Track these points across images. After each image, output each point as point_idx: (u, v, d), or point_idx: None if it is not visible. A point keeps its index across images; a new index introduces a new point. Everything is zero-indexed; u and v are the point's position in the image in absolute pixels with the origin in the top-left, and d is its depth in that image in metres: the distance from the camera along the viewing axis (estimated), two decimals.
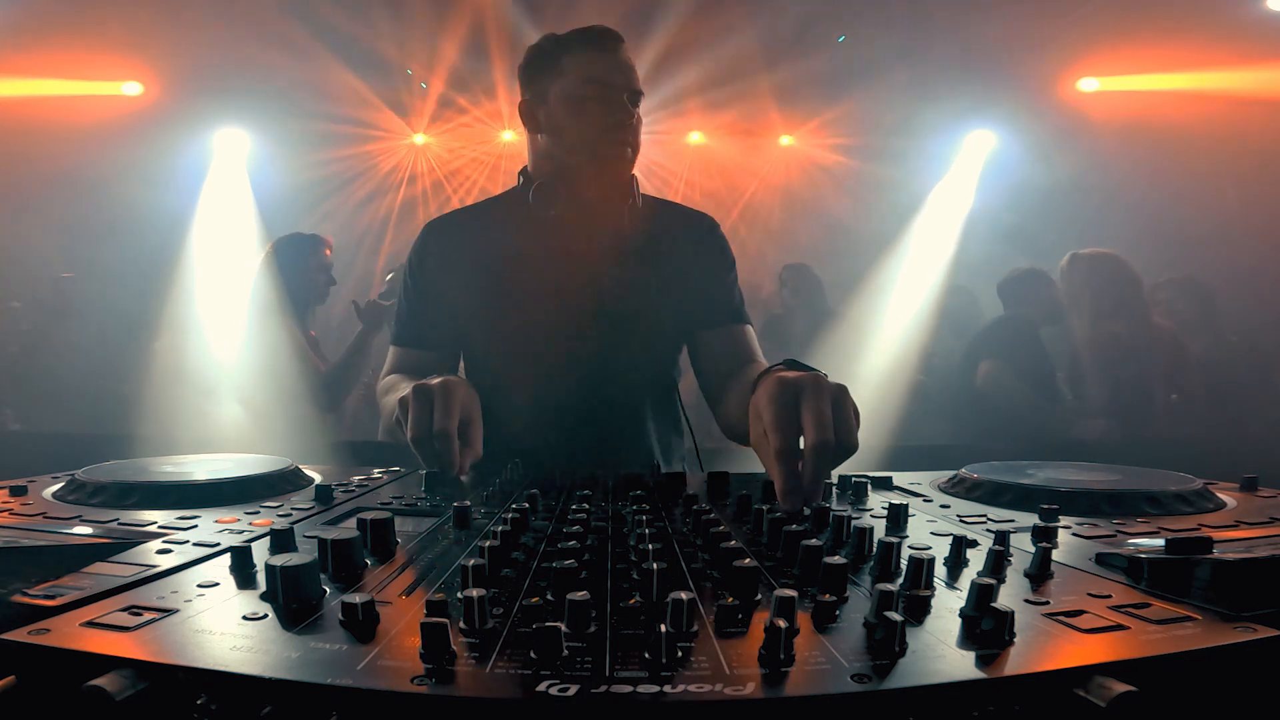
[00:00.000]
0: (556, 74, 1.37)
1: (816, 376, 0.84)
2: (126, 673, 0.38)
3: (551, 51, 1.39)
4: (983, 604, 0.45)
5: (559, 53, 1.38)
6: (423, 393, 1.04)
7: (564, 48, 1.38)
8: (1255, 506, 0.83)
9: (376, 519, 0.64)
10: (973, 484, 0.93)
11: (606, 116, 1.33)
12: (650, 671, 0.39)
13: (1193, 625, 0.45)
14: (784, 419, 0.80)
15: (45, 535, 0.66)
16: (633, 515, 0.74)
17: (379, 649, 0.42)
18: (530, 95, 1.43)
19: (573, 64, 1.36)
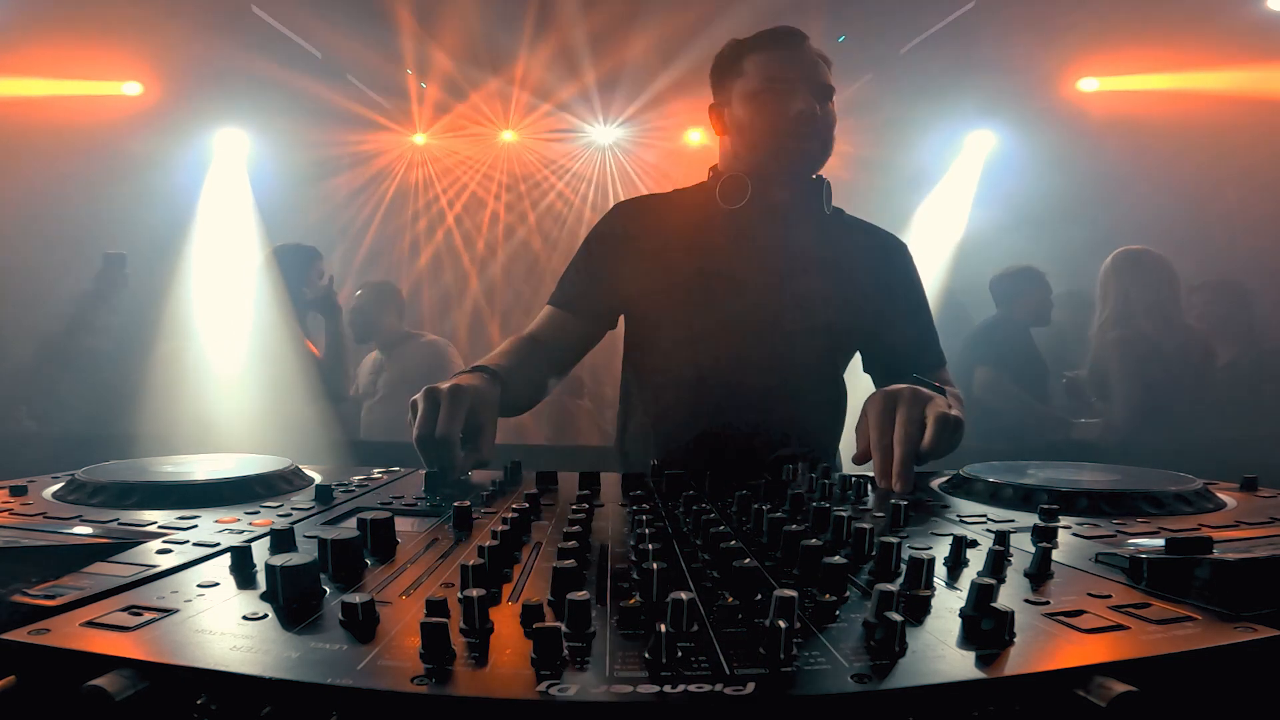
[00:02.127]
0: (738, 75, 1.38)
1: (915, 389, 1.02)
2: (126, 673, 0.38)
3: (734, 54, 1.40)
4: (983, 604, 0.45)
5: (740, 55, 1.39)
6: (431, 395, 1.05)
7: (744, 49, 1.39)
8: (1255, 506, 0.83)
9: (376, 519, 0.64)
10: (973, 484, 0.93)
11: (789, 109, 1.31)
12: (650, 671, 0.39)
13: (1193, 625, 0.45)
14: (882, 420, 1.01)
15: (45, 535, 0.66)
16: (633, 515, 0.74)
17: (379, 649, 0.42)
18: (717, 99, 1.45)
19: (752, 64, 1.37)
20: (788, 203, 1.40)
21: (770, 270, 1.38)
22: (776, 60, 1.35)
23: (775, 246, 1.39)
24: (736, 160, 1.41)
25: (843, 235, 1.45)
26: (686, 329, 1.39)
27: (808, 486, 0.96)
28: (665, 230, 1.44)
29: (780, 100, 1.32)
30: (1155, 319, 2.92)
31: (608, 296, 1.45)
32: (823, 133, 1.35)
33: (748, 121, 1.36)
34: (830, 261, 1.40)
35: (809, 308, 1.37)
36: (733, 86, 1.39)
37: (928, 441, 0.97)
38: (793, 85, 1.32)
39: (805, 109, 1.31)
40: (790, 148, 1.34)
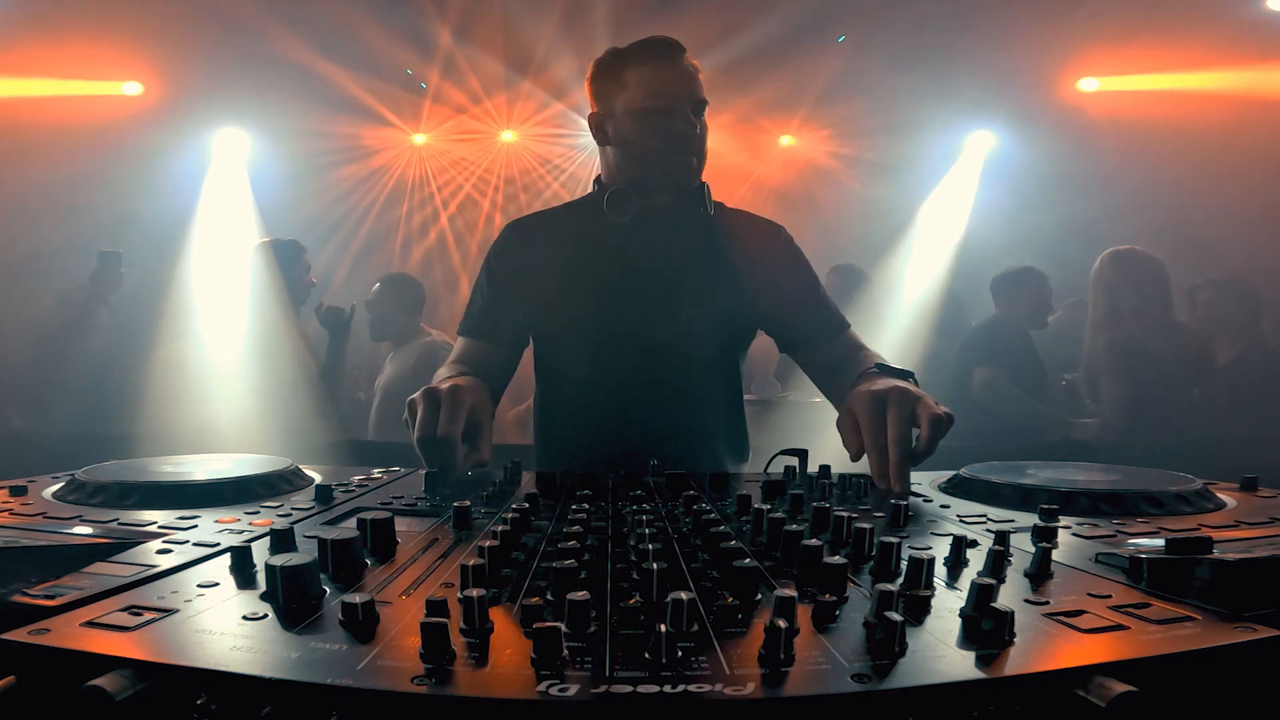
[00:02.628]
0: (620, 87, 1.41)
1: (902, 388, 1.03)
2: (126, 673, 0.38)
3: (613, 65, 1.43)
4: (983, 604, 0.45)
5: (621, 66, 1.41)
6: (430, 396, 1.07)
7: (625, 61, 1.41)
8: (1255, 506, 0.83)
9: (376, 519, 0.64)
10: (973, 484, 0.93)
11: (670, 128, 1.36)
12: (650, 671, 0.39)
13: (1193, 625, 0.45)
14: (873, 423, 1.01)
15: (45, 535, 0.66)
16: (633, 515, 0.74)
17: (379, 649, 0.42)
18: (599, 109, 1.47)
19: (635, 77, 1.39)
20: (672, 209, 1.45)
21: (662, 274, 1.43)
22: (657, 75, 1.38)
23: (664, 251, 1.44)
24: (619, 171, 1.46)
25: (726, 230, 1.49)
26: (588, 341, 1.44)
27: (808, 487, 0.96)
28: (558, 244, 1.48)
29: (663, 119, 1.37)
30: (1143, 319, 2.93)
31: (513, 316, 1.48)
32: (700, 147, 1.41)
33: (633, 137, 1.40)
34: (717, 257, 1.46)
35: (703, 304, 1.42)
36: (615, 98, 1.42)
37: (923, 445, 0.98)
38: (674, 102, 1.37)
39: (686, 128, 1.37)
40: (675, 164, 1.40)
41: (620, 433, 1.42)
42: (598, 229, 1.45)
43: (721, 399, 1.51)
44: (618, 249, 1.45)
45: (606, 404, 1.44)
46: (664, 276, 1.43)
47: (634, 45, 1.42)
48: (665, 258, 1.44)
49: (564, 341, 1.48)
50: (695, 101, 1.39)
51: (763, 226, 1.56)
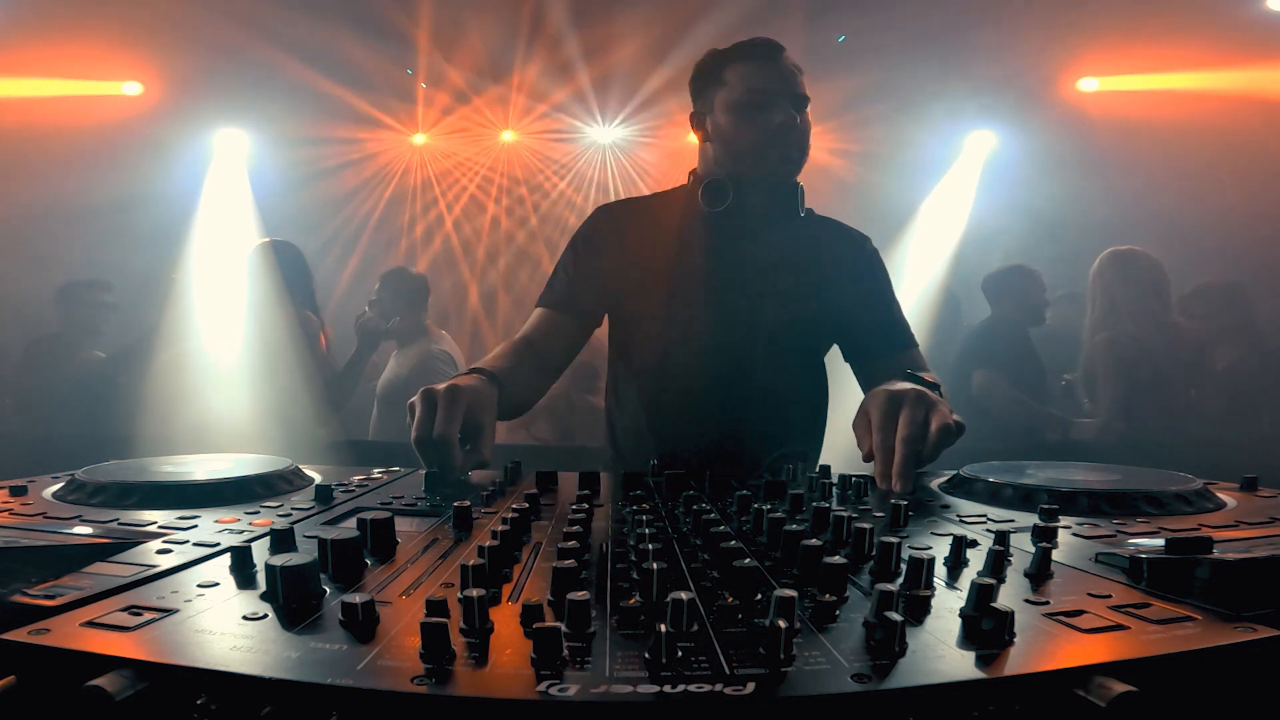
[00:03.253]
0: (719, 85, 1.43)
1: (920, 391, 1.03)
2: (126, 673, 0.38)
3: (714, 64, 1.45)
4: (983, 604, 0.45)
5: (720, 65, 1.43)
6: (428, 396, 1.07)
7: (725, 60, 1.43)
8: (1255, 506, 0.83)
9: (376, 519, 0.64)
10: (973, 484, 0.93)
11: (769, 122, 1.37)
12: (650, 671, 0.39)
13: (1193, 625, 0.45)
14: (885, 422, 1.01)
15: (45, 535, 0.66)
16: (633, 515, 0.74)
17: (379, 649, 0.42)
18: (698, 107, 1.49)
19: (733, 75, 1.41)
20: (765, 206, 1.46)
21: (751, 269, 1.44)
22: (757, 71, 1.40)
23: (755, 247, 1.45)
24: (717, 166, 1.47)
25: (815, 234, 1.51)
26: (673, 327, 1.45)
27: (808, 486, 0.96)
28: (648, 231, 1.49)
29: (763, 111, 1.38)
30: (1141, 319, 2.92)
31: (594, 295, 1.50)
32: (801, 141, 1.42)
33: (731, 131, 1.41)
34: (805, 259, 1.47)
35: (788, 303, 1.43)
36: (714, 96, 1.44)
37: (929, 451, 0.98)
38: (774, 96, 1.38)
39: (786, 120, 1.37)
40: (773, 156, 1.40)
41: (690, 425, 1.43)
42: (688, 219, 1.46)
43: (797, 399, 1.50)
44: (706, 241, 1.45)
45: (680, 393, 1.45)
46: (750, 272, 1.44)
47: (734, 45, 1.44)
48: (755, 253, 1.44)
49: (643, 327, 1.49)
50: (795, 96, 1.39)
51: (852, 235, 1.58)
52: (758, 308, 1.43)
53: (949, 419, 0.99)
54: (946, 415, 1.00)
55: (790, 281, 1.44)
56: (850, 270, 1.51)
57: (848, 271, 1.51)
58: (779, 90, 1.38)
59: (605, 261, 1.49)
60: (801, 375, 1.50)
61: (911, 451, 0.97)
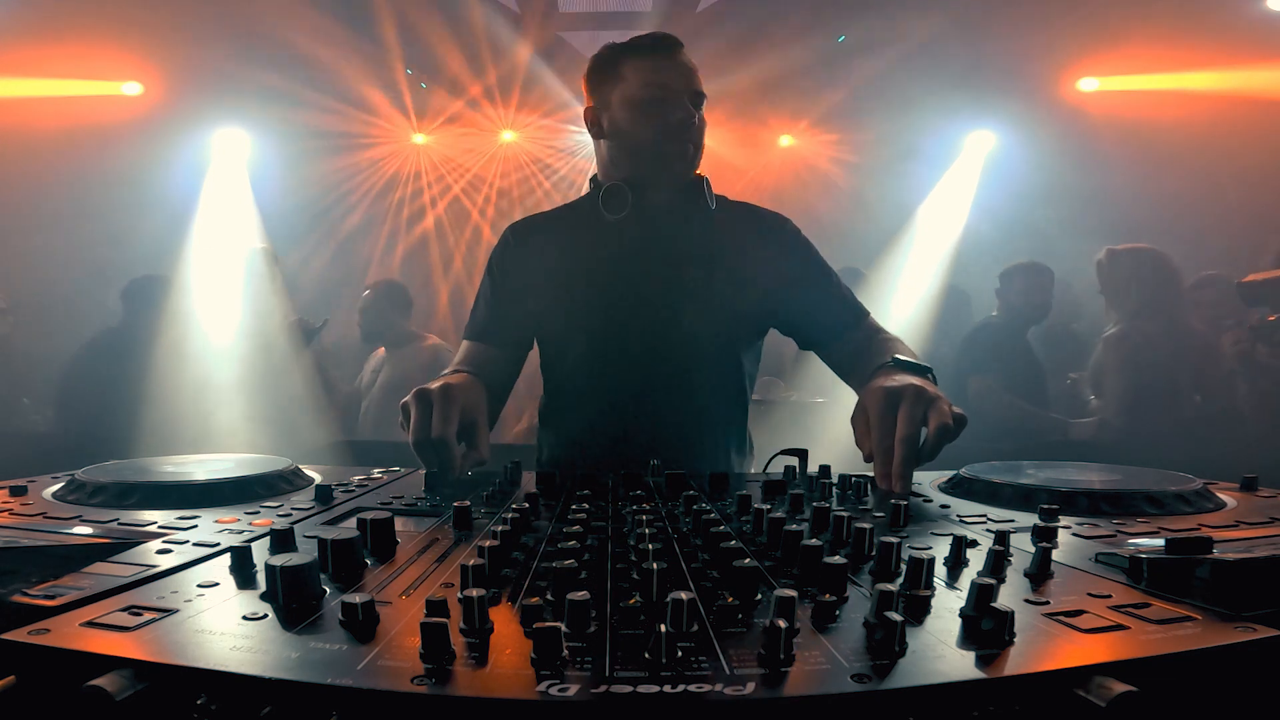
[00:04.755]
0: (617, 80, 1.40)
1: (918, 388, 1.01)
2: (126, 673, 0.38)
3: (611, 59, 1.42)
4: (983, 604, 0.45)
5: (618, 60, 1.40)
6: (423, 397, 1.06)
7: (623, 54, 1.40)
8: (1255, 506, 0.83)
9: (376, 519, 0.64)
10: (973, 484, 0.93)
11: (667, 117, 1.35)
12: (650, 671, 0.39)
13: (1193, 625, 0.45)
14: (883, 420, 1.00)
15: (45, 535, 0.66)
16: (633, 515, 0.74)
17: (379, 649, 0.42)
18: (594, 102, 1.45)
19: (631, 69, 1.38)
20: (670, 204, 1.42)
21: (662, 272, 1.41)
22: (657, 67, 1.37)
23: (663, 248, 1.42)
24: (613, 166, 1.44)
25: (729, 224, 1.47)
26: (589, 341, 1.42)
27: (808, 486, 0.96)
28: (556, 246, 1.47)
29: (660, 107, 1.35)
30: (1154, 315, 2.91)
31: (516, 321, 1.47)
32: (697, 138, 1.40)
33: (628, 127, 1.38)
34: (720, 252, 1.43)
35: (706, 301, 1.40)
36: (611, 91, 1.41)
37: (927, 449, 0.98)
38: (671, 92, 1.36)
39: (685, 116, 1.35)
40: (670, 153, 1.38)
41: (622, 434, 1.41)
42: (595, 228, 1.43)
43: (724, 399, 1.48)
44: (615, 248, 1.43)
45: (608, 406, 1.42)
46: (663, 274, 1.41)
47: (631, 40, 1.41)
48: (664, 255, 1.42)
49: (565, 344, 1.47)
50: (692, 93, 1.37)
51: (767, 219, 1.52)
52: (671, 308, 1.39)
53: (948, 416, 0.98)
54: (946, 411, 0.98)
55: (704, 276, 1.40)
56: (771, 254, 1.46)
57: (769, 257, 1.45)
58: (678, 86, 1.36)
59: (520, 284, 1.46)
60: (723, 370, 1.46)
61: (910, 452, 0.96)
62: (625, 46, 1.41)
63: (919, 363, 1.16)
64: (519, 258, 1.49)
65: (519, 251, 1.49)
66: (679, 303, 1.40)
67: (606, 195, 1.39)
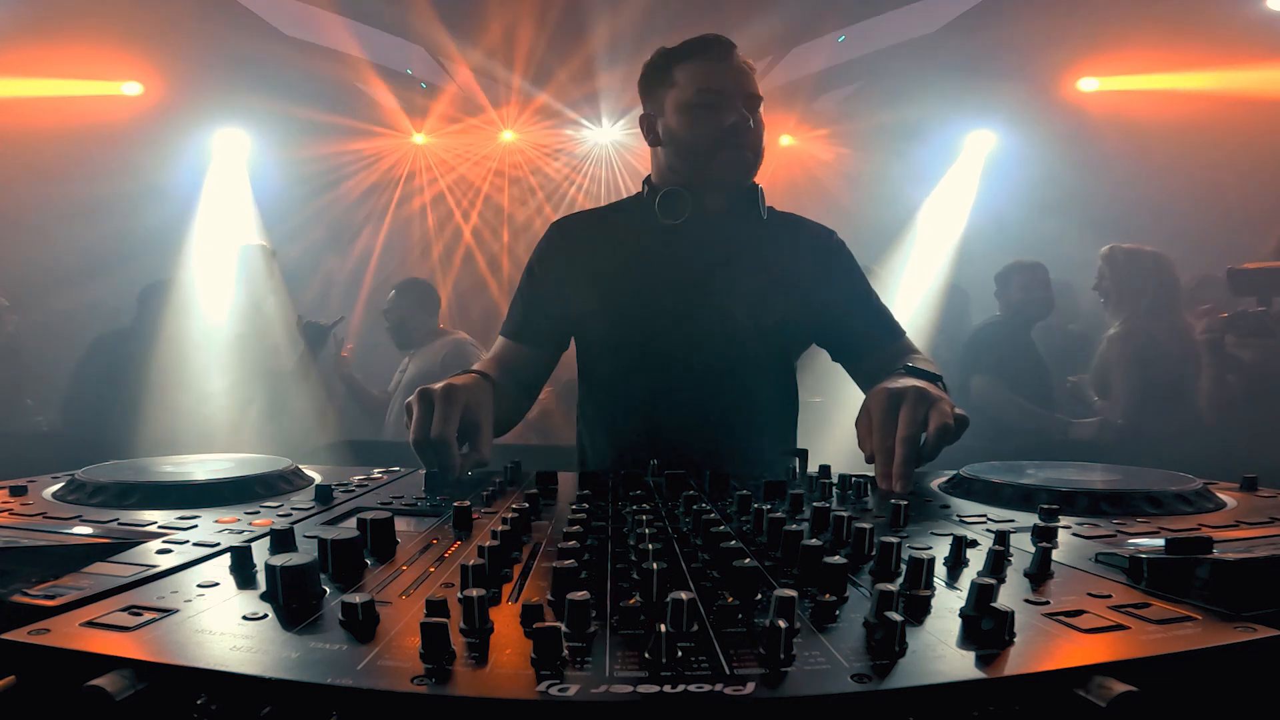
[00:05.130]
0: (669, 85, 1.38)
1: (920, 389, 1.01)
2: (126, 673, 0.38)
3: (663, 65, 1.40)
4: (983, 604, 0.45)
5: (670, 65, 1.39)
6: (425, 397, 1.06)
7: (674, 59, 1.39)
8: (1255, 506, 0.83)
9: (376, 519, 0.64)
10: (973, 484, 0.93)
11: (722, 122, 1.33)
12: (650, 671, 0.39)
13: (1193, 625, 0.45)
14: (885, 421, 0.99)
15: (45, 535, 0.66)
16: (633, 515, 0.74)
17: (379, 649, 0.42)
18: (648, 109, 1.44)
19: (683, 74, 1.37)
20: (724, 211, 1.41)
21: (714, 279, 1.39)
22: (707, 71, 1.35)
23: (716, 255, 1.40)
24: (670, 171, 1.42)
25: (779, 235, 1.46)
26: (636, 346, 1.40)
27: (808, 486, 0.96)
28: (604, 247, 1.44)
29: (713, 112, 1.33)
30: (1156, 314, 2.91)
31: (555, 321, 1.45)
32: (755, 142, 1.37)
33: (682, 133, 1.37)
34: (771, 263, 1.42)
35: (756, 311, 1.38)
36: (664, 97, 1.39)
37: (929, 450, 0.98)
38: (725, 96, 1.34)
39: (738, 120, 1.33)
40: (725, 159, 1.35)
41: (662, 441, 1.37)
42: (646, 231, 1.41)
43: (774, 408, 1.46)
44: (666, 252, 1.40)
45: (650, 412, 1.40)
46: (714, 282, 1.38)
47: (683, 43, 1.39)
48: (716, 263, 1.39)
49: (608, 347, 1.44)
50: (747, 96, 1.35)
51: (815, 231, 1.52)
52: (723, 317, 1.37)
53: (949, 416, 0.98)
54: (947, 412, 0.98)
55: (756, 287, 1.39)
56: (819, 267, 1.45)
57: (816, 269, 1.45)
58: (731, 90, 1.34)
59: (561, 283, 1.44)
60: (772, 382, 1.45)
61: (911, 452, 0.96)
62: (676, 51, 1.40)
63: (930, 370, 1.16)
64: (562, 257, 1.46)
65: (562, 250, 1.47)
66: (730, 311, 1.37)
67: (664, 199, 1.37)
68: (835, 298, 1.45)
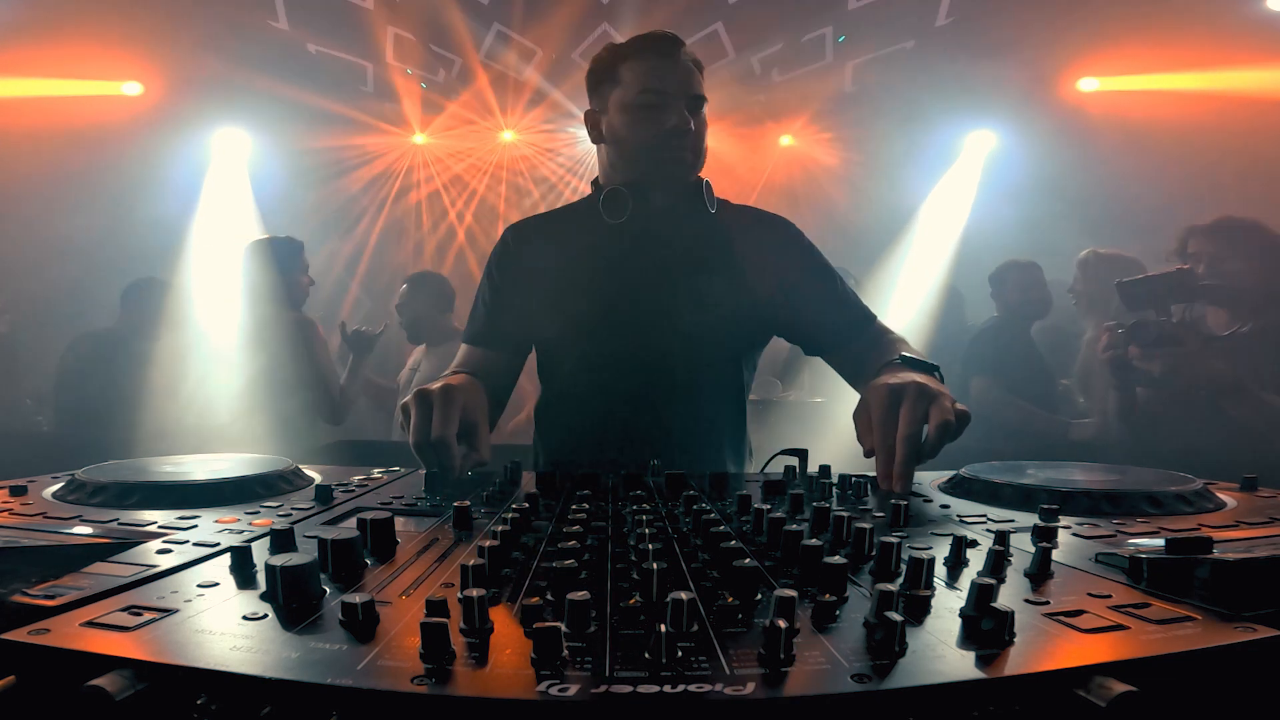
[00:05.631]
0: (615, 84, 1.38)
1: (920, 385, 1.00)
2: (126, 673, 0.38)
3: (609, 61, 1.40)
4: (983, 604, 0.45)
5: (616, 62, 1.39)
6: (423, 398, 1.06)
7: (621, 57, 1.38)
8: (1255, 506, 0.83)
9: (376, 519, 0.64)
10: (973, 484, 0.93)
11: (663, 124, 1.33)
12: (650, 671, 0.39)
13: (1193, 625, 0.45)
14: (885, 418, 0.99)
15: (45, 535, 0.66)
16: (633, 515, 0.74)
17: (379, 649, 0.42)
18: (593, 105, 1.44)
19: (629, 73, 1.36)
20: (670, 208, 1.41)
21: (661, 274, 1.40)
22: (653, 70, 1.35)
23: (660, 252, 1.41)
24: (613, 170, 1.43)
25: (729, 228, 1.45)
26: (589, 345, 1.41)
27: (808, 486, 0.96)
28: (556, 248, 1.45)
29: (654, 114, 1.33)
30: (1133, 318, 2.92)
31: (515, 324, 1.46)
32: (695, 144, 1.38)
33: (624, 132, 1.37)
34: (721, 257, 1.42)
35: (706, 306, 1.38)
36: (609, 95, 1.39)
37: (927, 447, 0.97)
38: (667, 98, 1.33)
39: (680, 123, 1.33)
40: (664, 160, 1.36)
41: (620, 439, 1.39)
42: (595, 231, 1.42)
43: (724, 403, 1.47)
44: (615, 251, 1.42)
45: (606, 411, 1.41)
46: (662, 279, 1.39)
47: (630, 40, 1.39)
48: (663, 259, 1.40)
49: (564, 347, 1.46)
50: (690, 97, 1.35)
51: (769, 222, 1.50)
52: (670, 312, 1.37)
53: (949, 413, 0.97)
54: (948, 409, 0.97)
55: (704, 281, 1.39)
56: (773, 258, 1.44)
57: (770, 260, 1.43)
58: (674, 90, 1.34)
59: (517, 286, 1.45)
60: (723, 374, 1.45)
61: (911, 451, 0.96)
62: (623, 48, 1.39)
63: (925, 360, 1.15)
64: (517, 260, 1.47)
65: (517, 253, 1.48)
66: (678, 307, 1.38)
67: (606, 199, 1.39)
68: (793, 287, 1.42)
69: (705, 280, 1.40)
